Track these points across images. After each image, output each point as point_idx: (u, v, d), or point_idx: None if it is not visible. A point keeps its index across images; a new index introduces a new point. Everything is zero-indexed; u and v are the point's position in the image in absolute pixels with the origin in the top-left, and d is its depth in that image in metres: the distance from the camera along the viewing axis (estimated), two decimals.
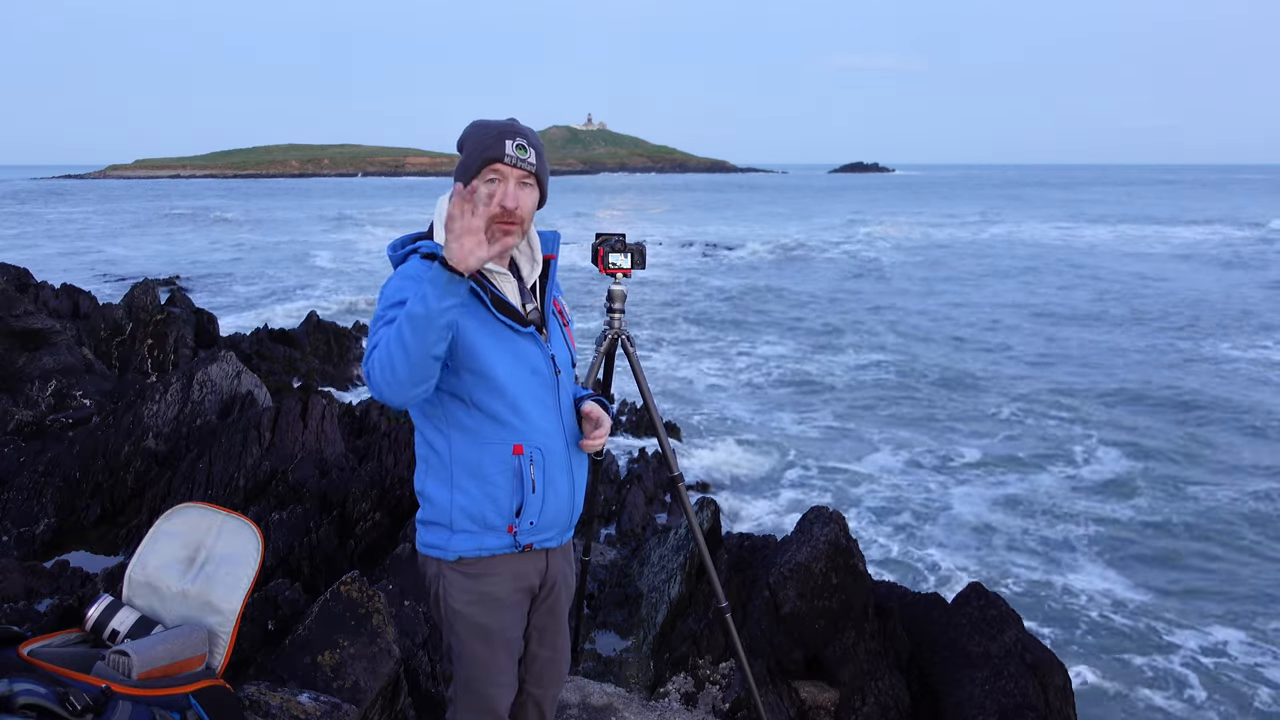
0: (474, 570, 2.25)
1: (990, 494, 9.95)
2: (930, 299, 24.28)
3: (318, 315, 14.86)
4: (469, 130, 2.22)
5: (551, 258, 2.38)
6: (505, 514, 2.22)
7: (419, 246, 2.21)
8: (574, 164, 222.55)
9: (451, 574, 2.25)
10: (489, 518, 2.21)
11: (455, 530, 2.22)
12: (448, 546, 2.23)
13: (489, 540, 2.23)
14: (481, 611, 2.26)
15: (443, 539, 2.24)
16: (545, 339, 2.29)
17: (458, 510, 2.21)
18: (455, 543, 2.23)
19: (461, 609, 2.26)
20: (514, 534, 2.24)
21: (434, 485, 2.24)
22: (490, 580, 2.26)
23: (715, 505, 6.00)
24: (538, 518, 2.26)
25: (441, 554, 2.25)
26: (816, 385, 14.92)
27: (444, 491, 2.22)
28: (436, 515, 2.24)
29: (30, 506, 6.04)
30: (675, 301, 23.95)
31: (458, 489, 2.21)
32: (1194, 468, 10.66)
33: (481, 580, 2.25)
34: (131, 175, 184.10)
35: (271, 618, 3.48)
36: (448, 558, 2.24)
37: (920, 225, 49.23)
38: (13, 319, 8.96)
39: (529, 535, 2.26)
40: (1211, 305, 22.36)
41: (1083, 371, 15.61)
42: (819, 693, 4.48)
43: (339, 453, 6.64)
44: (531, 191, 2.21)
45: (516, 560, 2.29)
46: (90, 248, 38.00)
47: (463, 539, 2.22)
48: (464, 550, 2.23)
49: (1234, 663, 6.66)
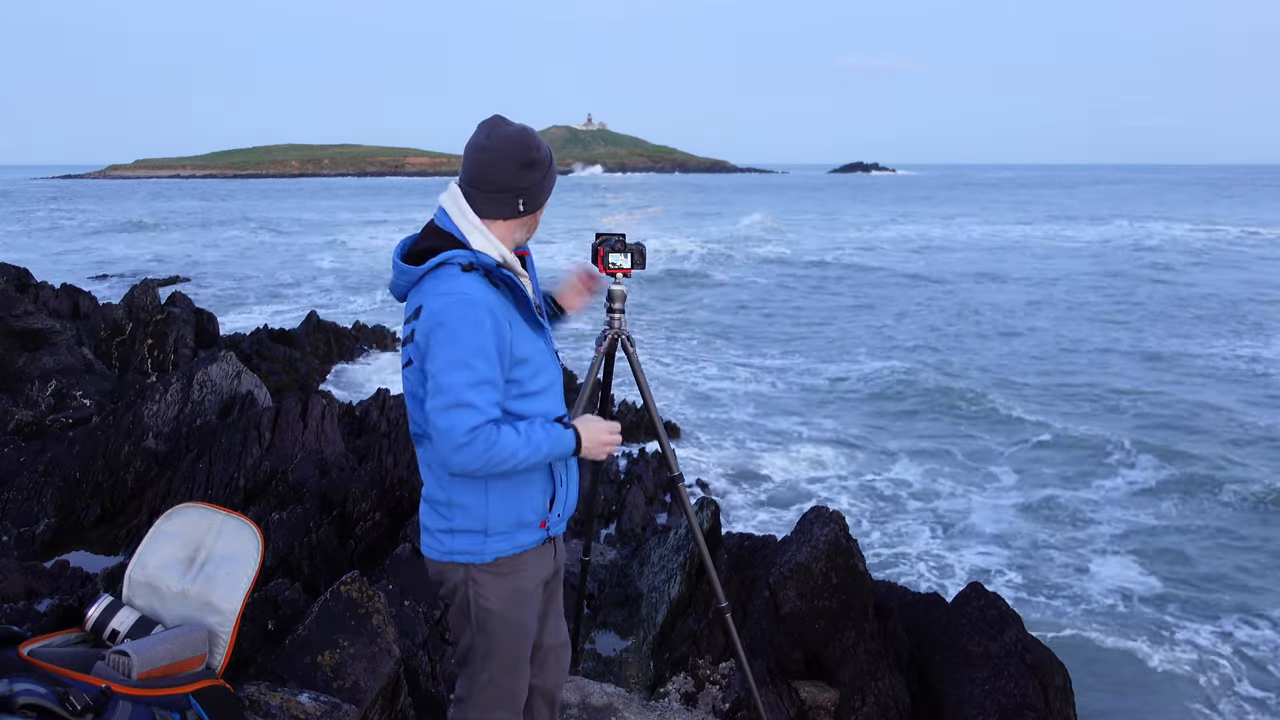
0: (506, 568, 2.27)
1: (991, 494, 9.95)
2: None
3: (318, 315, 14.86)
4: (547, 150, 2.24)
5: (525, 253, 2.41)
6: (540, 510, 2.28)
7: (453, 258, 2.13)
8: (574, 164, 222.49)
9: (484, 576, 2.26)
10: (525, 516, 2.26)
11: (491, 534, 2.23)
12: (483, 550, 2.24)
13: (524, 537, 2.27)
14: (516, 608, 2.30)
15: (477, 544, 2.24)
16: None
17: (495, 514, 2.22)
18: (492, 545, 2.24)
19: (496, 608, 2.27)
20: (546, 528, 2.30)
21: (464, 493, 2.22)
22: (521, 576, 2.30)
23: (715, 505, 6.00)
24: (564, 508, 2.35)
25: (474, 558, 2.24)
26: (818, 385, 14.92)
27: (478, 498, 2.22)
28: (470, 523, 2.23)
29: (30, 506, 6.04)
30: (678, 301, 23.96)
31: (494, 492, 2.22)
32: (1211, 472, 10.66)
33: (514, 577, 2.28)
34: (131, 175, 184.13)
35: (271, 618, 3.48)
36: (482, 560, 2.24)
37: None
38: (13, 319, 8.96)
39: (557, 526, 2.35)
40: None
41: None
42: (819, 693, 4.48)
43: (339, 453, 6.65)
44: None
45: (542, 551, 2.34)
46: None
47: (499, 540, 2.24)
48: (500, 551, 2.25)
49: (1237, 663, 6.65)
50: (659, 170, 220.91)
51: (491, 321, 2.09)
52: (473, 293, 2.09)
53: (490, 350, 2.09)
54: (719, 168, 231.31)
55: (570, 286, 2.64)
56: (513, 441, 2.09)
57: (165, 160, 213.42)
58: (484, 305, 2.09)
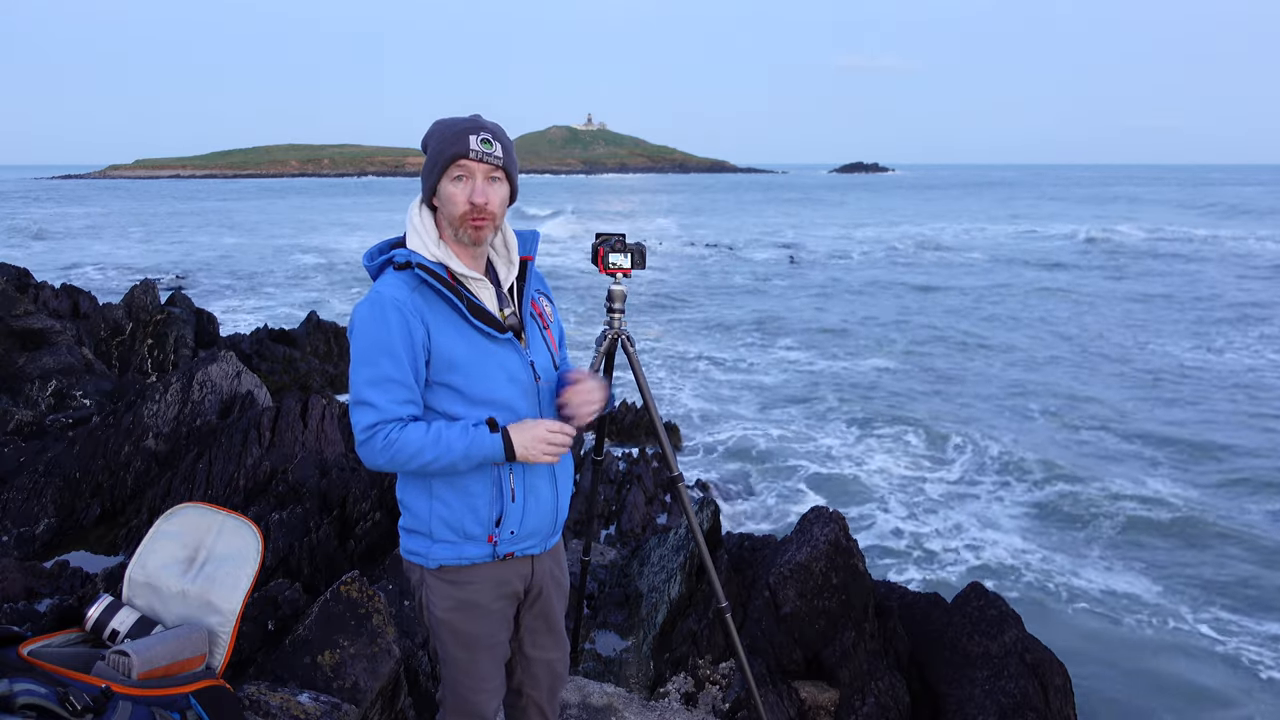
0: (455, 578, 2.23)
1: (991, 493, 9.95)
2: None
3: (318, 315, 14.85)
4: (433, 129, 2.17)
5: (529, 259, 2.32)
6: (485, 524, 2.19)
7: (393, 256, 2.14)
8: (574, 164, 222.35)
9: (433, 581, 2.24)
10: (468, 527, 2.19)
11: (435, 539, 2.21)
12: (429, 554, 2.22)
13: (469, 549, 2.21)
14: (463, 619, 2.25)
15: (424, 547, 2.22)
16: (524, 345, 2.23)
17: (437, 520, 2.19)
18: (436, 551, 2.21)
19: (444, 616, 2.25)
20: (494, 544, 2.21)
21: (412, 495, 2.22)
22: (472, 588, 2.24)
23: (715, 505, 6.00)
24: (518, 527, 2.23)
25: (423, 561, 2.23)
26: (818, 386, 14.92)
27: (423, 501, 2.20)
28: (416, 524, 2.22)
29: (30, 506, 6.04)
30: (681, 300, 23.95)
31: (436, 499, 2.18)
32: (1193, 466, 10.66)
33: (463, 588, 2.23)
34: (131, 175, 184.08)
35: (271, 618, 3.48)
36: (429, 565, 2.23)
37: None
38: (13, 319, 8.96)
39: (510, 544, 2.23)
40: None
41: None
42: (819, 693, 4.48)
43: (339, 453, 6.64)
44: (501, 186, 2.16)
45: (498, 568, 2.26)
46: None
47: (443, 548, 2.21)
48: (444, 559, 2.21)
49: (1238, 663, 6.65)
50: (659, 170, 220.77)
51: (398, 319, 2.05)
52: (385, 290, 2.08)
53: (394, 349, 2.05)
54: (719, 168, 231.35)
55: (566, 396, 2.25)
56: (416, 440, 2.05)
57: (165, 160, 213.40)
58: (391, 303, 2.05)
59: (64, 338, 9.27)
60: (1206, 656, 6.74)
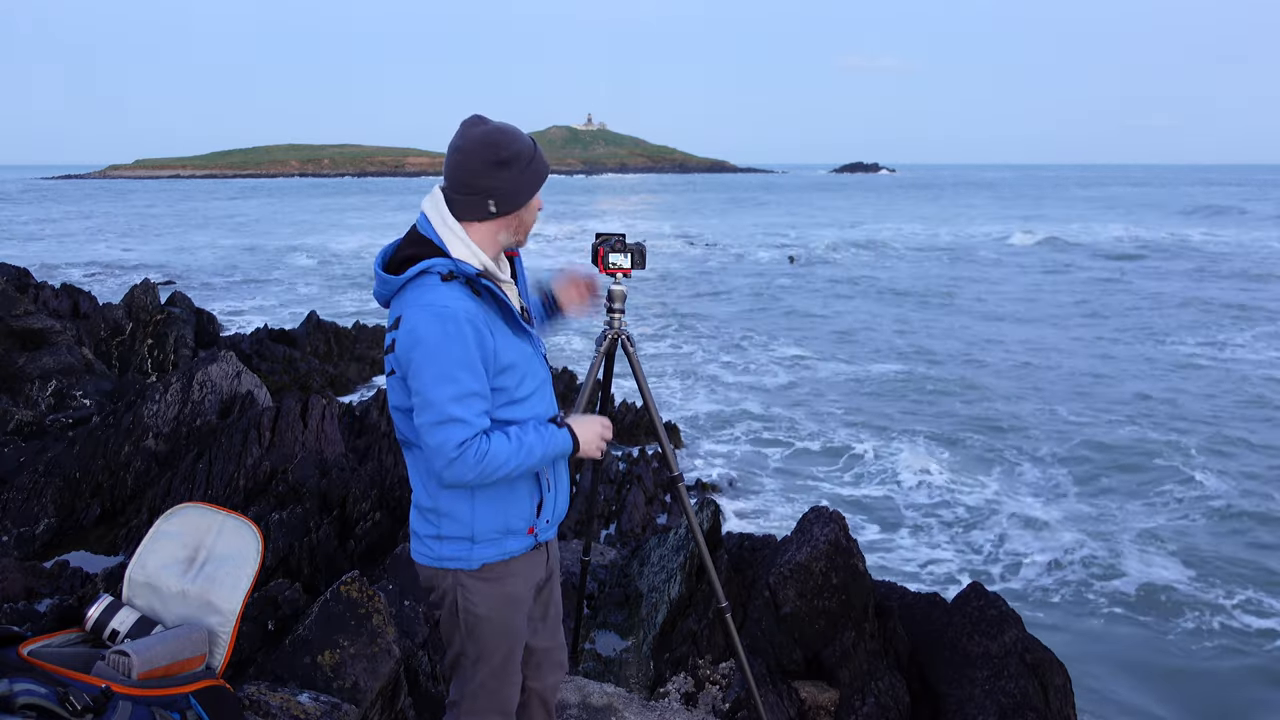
0: (495, 574, 2.26)
1: (992, 493, 9.95)
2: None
3: (318, 315, 14.86)
4: (521, 146, 2.15)
5: (515, 254, 2.37)
6: (528, 516, 2.26)
7: (432, 266, 2.09)
8: (574, 164, 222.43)
9: (472, 582, 2.25)
10: (512, 523, 2.24)
11: (478, 541, 2.22)
12: (469, 557, 2.23)
13: (511, 544, 2.26)
14: (505, 613, 2.29)
15: (464, 551, 2.23)
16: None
17: (481, 522, 2.21)
18: (478, 552, 2.23)
19: (485, 613, 2.26)
20: (534, 534, 2.29)
21: (450, 501, 2.20)
22: (511, 581, 2.29)
23: (715, 505, 6.00)
24: (553, 514, 2.33)
25: (463, 564, 2.24)
26: (819, 386, 14.93)
27: (464, 506, 2.20)
28: (458, 530, 2.22)
29: (30, 506, 6.04)
30: (681, 300, 23.97)
31: (480, 500, 2.20)
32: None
33: (504, 582, 2.27)
34: (132, 175, 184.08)
35: (271, 618, 3.48)
36: (470, 567, 2.24)
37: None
38: (13, 319, 8.97)
39: (545, 532, 2.34)
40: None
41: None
42: (819, 693, 4.48)
43: (339, 453, 6.65)
44: None
45: (531, 557, 2.33)
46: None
47: (485, 548, 2.23)
48: (488, 557, 2.23)
49: (1239, 664, 6.65)
50: (659, 170, 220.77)
51: (473, 332, 2.05)
52: (452, 304, 2.05)
53: (473, 362, 2.06)
54: (719, 168, 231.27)
55: (566, 289, 2.63)
56: (504, 449, 2.08)
57: (165, 160, 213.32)
58: (464, 317, 2.05)
59: (64, 338, 9.27)
60: (1207, 656, 6.74)
